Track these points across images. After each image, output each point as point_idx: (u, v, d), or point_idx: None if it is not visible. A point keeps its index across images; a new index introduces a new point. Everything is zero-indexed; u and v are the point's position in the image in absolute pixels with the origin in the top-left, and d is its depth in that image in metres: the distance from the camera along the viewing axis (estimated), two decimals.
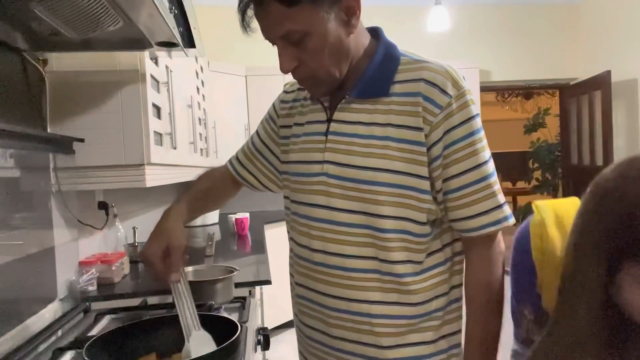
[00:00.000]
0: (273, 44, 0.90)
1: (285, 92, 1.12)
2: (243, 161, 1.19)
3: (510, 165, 8.13)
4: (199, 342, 0.98)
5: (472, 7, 4.72)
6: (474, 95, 0.91)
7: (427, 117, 0.87)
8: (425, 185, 0.89)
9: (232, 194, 1.25)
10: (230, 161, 1.22)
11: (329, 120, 0.96)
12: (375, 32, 0.99)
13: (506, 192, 7.66)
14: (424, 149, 0.88)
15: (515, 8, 4.80)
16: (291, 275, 1.06)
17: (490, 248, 0.94)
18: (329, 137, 0.95)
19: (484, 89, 4.74)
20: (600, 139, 4.47)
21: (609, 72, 4.30)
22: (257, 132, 1.18)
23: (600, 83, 4.41)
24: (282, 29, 0.86)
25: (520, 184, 8.00)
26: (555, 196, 6.64)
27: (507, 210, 0.93)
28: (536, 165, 6.86)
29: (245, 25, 0.91)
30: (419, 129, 0.88)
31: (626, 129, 4.41)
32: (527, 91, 6.82)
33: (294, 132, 1.04)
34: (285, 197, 1.06)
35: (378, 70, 0.93)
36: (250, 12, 0.89)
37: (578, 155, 4.95)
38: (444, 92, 0.87)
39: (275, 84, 1.26)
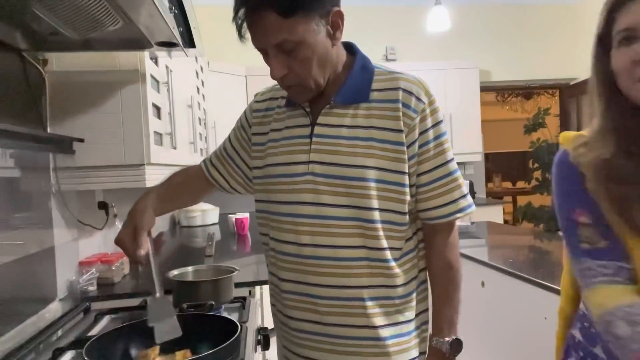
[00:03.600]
0: (263, 52, 0.98)
1: (256, 101, 1.20)
2: (215, 163, 1.26)
3: (510, 165, 8.12)
4: (157, 305, 1.06)
5: (472, 7, 4.72)
6: (474, 97, 0.96)
7: (405, 120, 1.01)
8: (406, 180, 1.02)
9: (205, 191, 1.31)
10: (204, 161, 1.29)
11: (313, 124, 1.05)
12: (350, 47, 1.09)
13: (506, 192, 7.62)
14: (404, 148, 1.01)
15: (515, 8, 4.80)
16: (272, 274, 1.13)
17: (451, 234, 1.09)
18: (314, 139, 1.04)
19: (484, 89, 4.74)
20: None
21: None
22: (229, 137, 1.25)
23: None
24: (277, 38, 0.93)
25: (520, 184, 7.99)
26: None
27: (470, 199, 1.08)
28: (536, 165, 6.84)
29: (242, 34, 0.97)
30: (400, 130, 1.00)
31: None
32: (527, 91, 6.81)
33: (270, 138, 1.11)
34: (259, 201, 1.13)
35: (358, 80, 1.04)
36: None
37: None
38: (419, 99, 1.01)
39: (275, 84, 1.26)
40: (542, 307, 1.79)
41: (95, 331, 1.27)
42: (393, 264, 1.03)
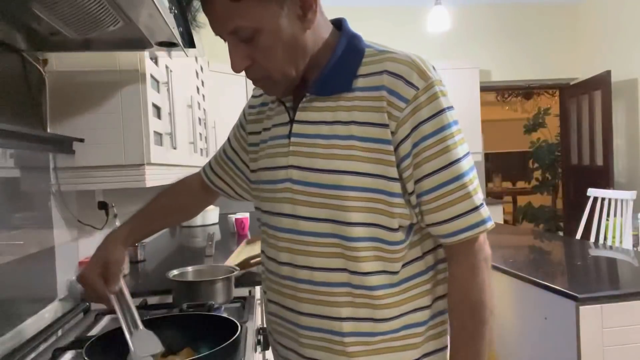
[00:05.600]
0: (224, 40, 0.83)
1: (253, 96, 1.05)
2: (215, 169, 1.14)
3: (510, 165, 8.12)
4: (142, 339, 0.97)
5: (472, 7, 4.72)
6: (474, 97, 0.83)
7: (392, 112, 0.80)
8: (396, 187, 0.81)
9: (206, 202, 1.21)
10: (204, 169, 1.17)
11: (292, 122, 0.89)
12: (339, 23, 0.90)
13: (506, 192, 7.70)
14: (391, 148, 0.80)
15: (516, 8, 4.80)
16: (263, 291, 1.00)
17: (471, 255, 0.84)
18: (292, 139, 0.87)
19: (484, 89, 4.74)
20: (600, 139, 4.47)
21: (609, 72, 4.30)
22: (228, 138, 1.12)
23: (600, 83, 4.41)
24: (229, 25, 0.79)
25: (520, 184, 8.00)
26: (555, 196, 6.64)
27: (485, 212, 0.83)
28: (536, 165, 6.85)
29: (191, 18, 0.86)
30: (385, 125, 0.80)
31: (626, 129, 4.41)
32: (527, 91, 6.81)
33: (262, 138, 0.97)
34: (256, 208, 0.99)
35: (339, 64, 0.85)
36: (196, 3, 0.84)
37: (578, 155, 4.95)
38: (409, 83, 0.79)
39: None
40: (542, 307, 1.79)
41: (95, 331, 1.27)
42: (382, 292, 0.83)
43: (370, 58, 0.85)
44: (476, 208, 0.82)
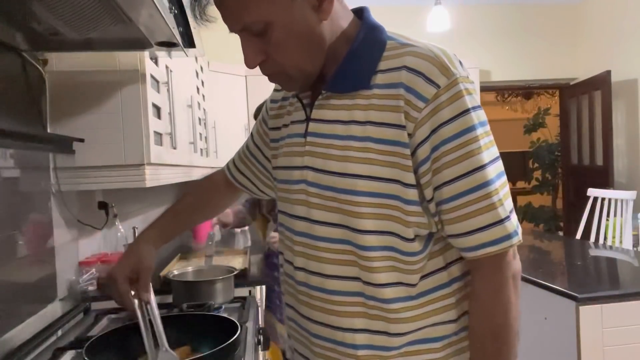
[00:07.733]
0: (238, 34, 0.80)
1: (275, 90, 1.00)
2: (239, 165, 1.11)
3: (510, 165, 8.08)
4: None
5: (472, 7, 4.72)
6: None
7: (410, 112, 0.73)
8: (412, 194, 0.75)
9: (232, 198, 1.20)
10: (227, 165, 1.15)
11: (308, 120, 0.84)
12: (360, 13, 0.84)
13: None
14: (408, 151, 0.74)
15: (515, 8, 4.80)
16: (283, 294, 0.96)
17: (497, 271, 0.77)
18: (308, 138, 0.83)
19: (484, 89, 4.74)
20: (600, 139, 4.47)
21: (609, 72, 4.30)
22: (251, 134, 1.09)
23: (600, 83, 4.41)
24: (239, 21, 0.75)
25: (520, 184, 7.99)
26: (555, 196, 6.64)
27: (511, 226, 0.75)
28: (536, 165, 6.85)
29: (199, 12, 0.84)
30: (401, 126, 0.74)
31: (626, 129, 4.41)
32: (527, 91, 6.81)
33: (281, 135, 0.93)
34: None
35: (356, 58, 0.79)
36: None
37: (578, 155, 4.95)
38: (430, 81, 0.72)
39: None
40: (542, 307, 1.79)
41: (95, 331, 1.27)
42: (399, 305, 0.77)
43: (391, 52, 0.78)
44: (501, 221, 0.74)
